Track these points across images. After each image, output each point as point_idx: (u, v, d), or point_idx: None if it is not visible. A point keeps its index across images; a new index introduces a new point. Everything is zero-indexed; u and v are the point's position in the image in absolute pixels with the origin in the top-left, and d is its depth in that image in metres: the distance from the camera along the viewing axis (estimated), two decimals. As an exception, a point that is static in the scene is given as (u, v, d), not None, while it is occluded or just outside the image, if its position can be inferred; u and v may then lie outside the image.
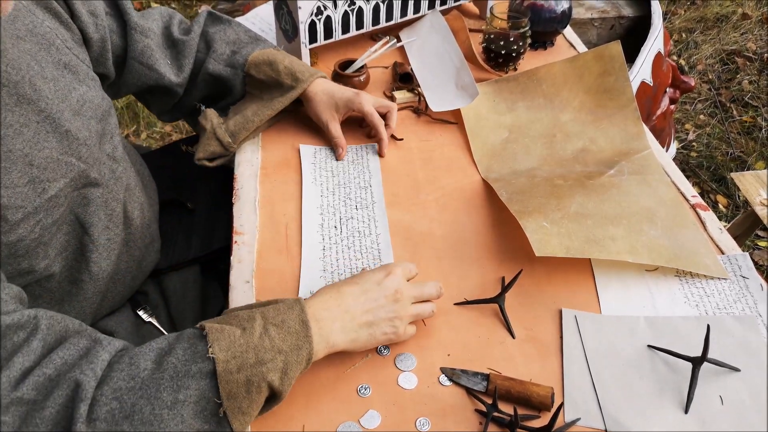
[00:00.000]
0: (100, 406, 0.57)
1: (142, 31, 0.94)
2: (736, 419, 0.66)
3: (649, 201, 0.89)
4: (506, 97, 1.10)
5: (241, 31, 1.05)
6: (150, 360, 0.61)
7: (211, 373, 0.60)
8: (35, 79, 0.71)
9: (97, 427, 0.56)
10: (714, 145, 2.40)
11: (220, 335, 0.62)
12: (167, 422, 0.58)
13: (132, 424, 0.57)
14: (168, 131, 2.44)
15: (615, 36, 2.00)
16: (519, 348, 0.74)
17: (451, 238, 0.88)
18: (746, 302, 0.78)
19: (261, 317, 0.65)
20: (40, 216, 0.70)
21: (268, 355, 0.62)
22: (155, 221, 0.98)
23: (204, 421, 0.60)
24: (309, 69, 1.02)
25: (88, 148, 0.76)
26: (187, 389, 0.59)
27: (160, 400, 0.58)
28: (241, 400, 0.60)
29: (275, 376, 0.62)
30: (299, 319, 0.65)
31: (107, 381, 0.58)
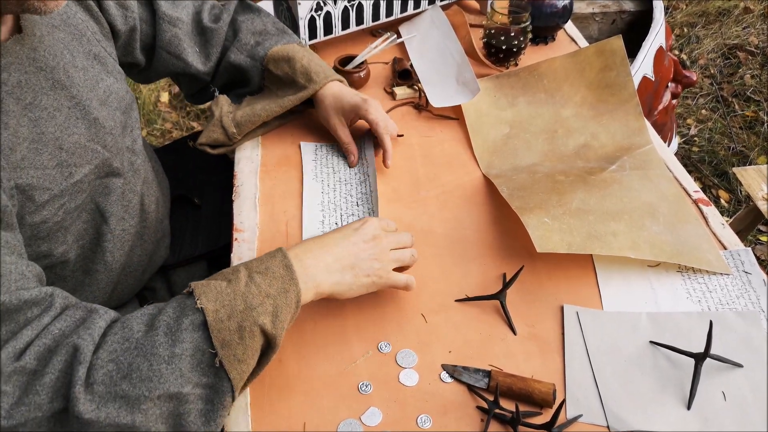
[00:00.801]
0: (96, 369, 0.57)
1: (171, 21, 0.95)
2: (738, 415, 0.66)
3: (651, 196, 0.89)
4: (507, 92, 1.09)
5: (269, 21, 1.04)
6: (142, 323, 0.61)
7: (203, 324, 0.60)
8: (68, 67, 0.73)
9: (95, 390, 0.57)
10: (716, 139, 2.39)
11: (206, 288, 0.63)
12: (166, 377, 0.58)
13: (131, 382, 0.57)
14: (168, 128, 2.44)
15: (616, 30, 1.99)
16: (520, 344, 0.73)
17: (452, 234, 0.87)
18: (749, 298, 0.78)
19: (245, 268, 0.66)
20: (64, 199, 0.72)
21: (256, 300, 0.63)
22: (167, 217, 1.00)
23: (202, 374, 0.60)
24: (326, 70, 1.00)
25: (113, 138, 0.79)
26: (182, 342, 0.59)
27: (157, 356, 0.58)
28: (235, 347, 0.61)
29: (266, 319, 0.62)
30: (283, 264, 0.66)
31: (102, 346, 0.59)
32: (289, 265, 0.66)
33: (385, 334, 0.74)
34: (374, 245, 0.73)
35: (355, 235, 0.73)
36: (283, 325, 0.64)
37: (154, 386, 0.58)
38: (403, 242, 0.77)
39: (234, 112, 0.99)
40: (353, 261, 0.71)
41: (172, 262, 1.00)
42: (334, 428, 0.65)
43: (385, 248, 0.74)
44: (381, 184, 0.95)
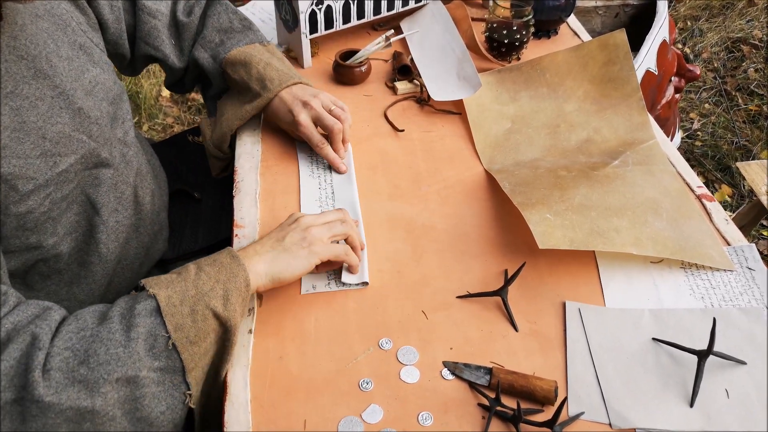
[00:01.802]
0: (53, 356, 0.58)
1: (150, 12, 0.95)
2: (742, 413, 0.65)
3: (654, 192, 0.88)
4: (509, 87, 1.09)
5: (236, 18, 1.02)
6: (95, 316, 0.63)
7: (156, 309, 0.63)
8: (51, 56, 0.73)
9: (53, 377, 0.58)
10: (719, 134, 2.38)
11: (157, 281, 0.66)
12: (124, 360, 0.60)
13: (89, 366, 0.59)
14: (170, 123, 2.43)
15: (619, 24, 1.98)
16: (522, 341, 0.73)
17: (453, 230, 0.87)
18: (752, 294, 0.77)
19: (194, 264, 0.69)
20: (50, 189, 0.72)
21: (207, 285, 0.66)
22: (165, 210, 1.00)
23: (154, 358, 0.62)
24: (282, 76, 0.96)
25: (99, 128, 0.79)
26: (137, 327, 0.61)
27: (114, 341, 0.60)
28: (188, 330, 0.63)
29: (218, 302, 0.65)
30: (229, 255, 0.70)
31: (57, 335, 0.60)
32: (235, 255, 0.70)
33: (386, 330, 0.74)
34: (296, 224, 0.76)
35: (279, 226, 0.77)
36: (235, 308, 0.67)
37: (112, 369, 0.59)
38: (328, 218, 0.78)
39: (211, 134, 1.00)
40: (280, 241, 0.74)
41: (171, 256, 1.00)
42: (334, 426, 0.65)
43: (309, 224, 0.76)
44: (382, 179, 0.95)
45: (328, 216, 0.79)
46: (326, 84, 1.14)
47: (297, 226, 0.76)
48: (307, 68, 1.18)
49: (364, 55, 1.12)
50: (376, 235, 0.86)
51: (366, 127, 1.05)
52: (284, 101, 0.95)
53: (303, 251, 0.73)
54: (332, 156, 0.94)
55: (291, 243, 0.74)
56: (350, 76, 1.13)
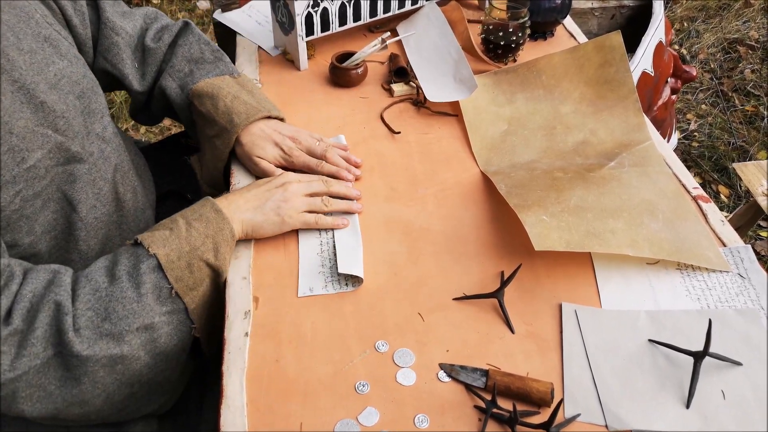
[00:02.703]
0: (78, 317, 0.68)
1: (113, 28, 0.93)
2: (738, 414, 0.65)
3: (650, 193, 0.88)
4: (505, 89, 1.09)
5: (208, 49, 1.00)
6: (103, 275, 0.72)
7: (157, 266, 0.73)
8: (9, 50, 0.72)
9: (83, 334, 0.68)
10: (716, 134, 2.38)
11: (153, 238, 0.74)
12: (139, 312, 0.71)
13: (111, 322, 0.69)
14: (167, 125, 2.43)
15: (616, 25, 1.98)
16: (518, 343, 0.73)
17: (450, 232, 0.87)
18: (748, 295, 0.77)
19: (181, 218, 0.78)
20: (19, 186, 0.72)
21: (198, 241, 0.76)
22: (150, 208, 0.98)
23: (162, 305, 0.73)
24: (249, 109, 0.92)
25: (66, 121, 0.77)
26: (145, 284, 0.72)
27: (128, 298, 0.71)
28: (186, 279, 0.74)
29: (210, 255, 0.76)
30: (213, 209, 0.79)
31: (77, 298, 0.69)
32: (218, 209, 0.79)
33: (382, 333, 0.74)
34: (282, 190, 0.85)
35: (267, 184, 0.86)
36: (225, 256, 0.78)
37: (131, 321, 0.70)
38: (314, 188, 0.87)
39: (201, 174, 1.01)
40: (261, 202, 0.83)
41: None
42: (331, 428, 0.65)
43: (294, 192, 0.85)
44: (378, 181, 0.95)
45: (313, 185, 0.87)
46: (322, 86, 1.15)
47: (280, 194, 0.84)
48: (303, 70, 1.18)
49: (360, 57, 1.12)
50: (373, 237, 0.86)
51: (362, 129, 1.05)
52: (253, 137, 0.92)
53: (276, 218, 0.83)
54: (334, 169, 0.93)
55: (269, 209, 0.83)
56: (346, 79, 1.13)
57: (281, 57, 1.22)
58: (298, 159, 0.92)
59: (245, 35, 1.28)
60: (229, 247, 0.79)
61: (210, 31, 2.80)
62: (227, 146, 0.93)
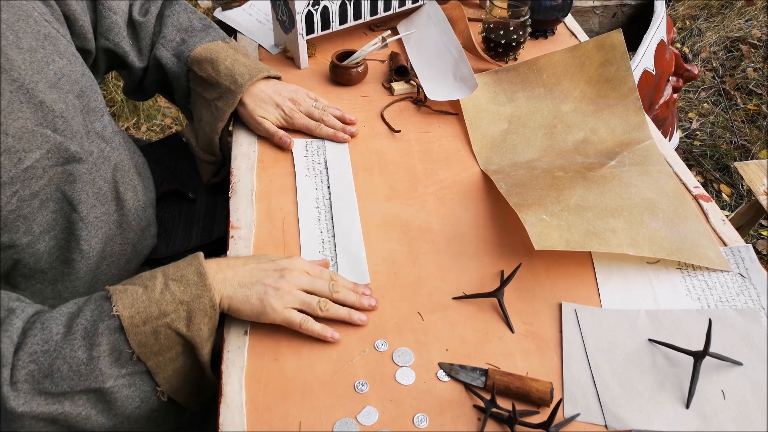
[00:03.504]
0: (18, 369, 0.62)
1: (110, 8, 0.93)
2: (738, 414, 0.65)
3: (651, 192, 0.88)
4: (506, 87, 1.08)
5: (196, 18, 1.01)
6: (61, 324, 0.66)
7: (119, 328, 0.66)
8: (8, 49, 0.71)
9: (20, 388, 0.62)
10: (717, 133, 2.37)
11: (123, 294, 0.67)
12: (86, 376, 0.64)
13: (53, 381, 0.63)
14: (168, 123, 2.43)
15: (617, 24, 1.98)
16: (518, 343, 0.73)
17: (450, 231, 0.87)
18: (749, 295, 0.77)
19: (162, 275, 0.70)
20: (16, 187, 0.71)
21: (170, 307, 0.67)
22: (151, 206, 0.98)
23: (121, 367, 0.66)
24: (251, 70, 0.96)
25: (65, 121, 0.77)
26: (99, 345, 0.65)
27: (76, 359, 0.64)
28: (151, 345, 0.67)
29: (180, 324, 0.68)
30: (197, 272, 0.70)
31: (22, 347, 0.63)
32: (203, 272, 0.70)
33: (381, 332, 0.74)
34: (279, 276, 0.73)
35: (269, 263, 0.75)
36: (199, 327, 0.68)
37: (75, 383, 0.64)
38: (317, 286, 0.74)
39: (196, 142, 1.00)
40: (250, 281, 0.72)
41: (164, 255, 1.00)
42: (330, 427, 0.65)
43: (290, 283, 0.73)
44: (378, 180, 0.95)
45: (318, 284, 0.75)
46: (323, 85, 1.14)
47: (274, 280, 0.73)
48: (303, 69, 1.18)
49: (360, 55, 1.12)
50: (372, 236, 0.86)
51: (362, 127, 1.05)
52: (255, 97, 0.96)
53: (256, 304, 0.71)
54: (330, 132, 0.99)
55: (253, 291, 0.72)
56: (347, 77, 1.12)
57: (282, 55, 1.22)
58: (299, 121, 0.98)
59: (246, 33, 1.28)
60: (208, 317, 0.69)
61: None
62: (230, 107, 0.95)
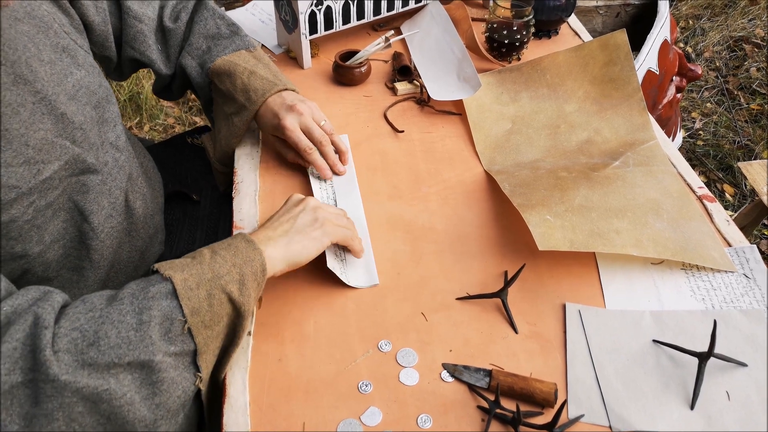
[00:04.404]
0: (60, 337, 0.56)
1: (136, 16, 0.93)
2: (743, 415, 0.65)
3: (655, 193, 0.88)
4: (509, 87, 1.08)
5: (224, 24, 0.99)
6: (103, 298, 0.61)
7: (171, 292, 0.61)
8: (31, 61, 0.71)
9: (61, 358, 0.54)
10: (721, 133, 2.37)
11: (171, 264, 0.64)
12: (135, 344, 0.57)
13: (99, 349, 0.56)
14: (171, 123, 2.43)
15: (621, 24, 1.97)
16: (522, 343, 0.73)
17: (453, 232, 0.87)
18: (754, 296, 0.77)
19: (207, 248, 0.68)
20: (33, 197, 0.70)
21: (223, 268, 0.64)
22: (159, 213, 0.98)
23: (170, 343, 0.60)
24: (266, 85, 0.93)
25: (84, 133, 0.77)
26: (150, 310, 0.59)
27: (125, 323, 0.57)
28: (204, 314, 0.62)
29: (234, 287, 0.64)
30: (244, 240, 0.69)
31: (63, 317, 0.58)
32: (250, 239, 0.69)
33: (385, 332, 0.74)
34: (305, 205, 0.77)
35: (283, 208, 0.78)
36: (249, 293, 0.66)
37: (123, 353, 0.56)
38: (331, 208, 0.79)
39: (214, 152, 0.99)
40: (292, 223, 0.74)
41: (168, 257, 0.99)
42: (333, 428, 0.65)
43: (316, 205, 0.77)
44: (382, 180, 0.95)
45: (331, 207, 0.80)
46: (326, 85, 1.14)
47: (306, 206, 0.76)
48: (306, 69, 1.18)
49: (363, 55, 1.12)
50: (376, 236, 0.86)
51: (366, 127, 1.05)
52: (270, 107, 0.92)
53: (317, 232, 0.74)
54: (320, 162, 0.91)
55: (304, 225, 0.74)
56: (350, 77, 1.12)
57: (285, 55, 1.22)
58: (289, 133, 0.90)
59: (249, 33, 1.28)
60: (257, 283, 0.67)
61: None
62: (245, 123, 0.93)
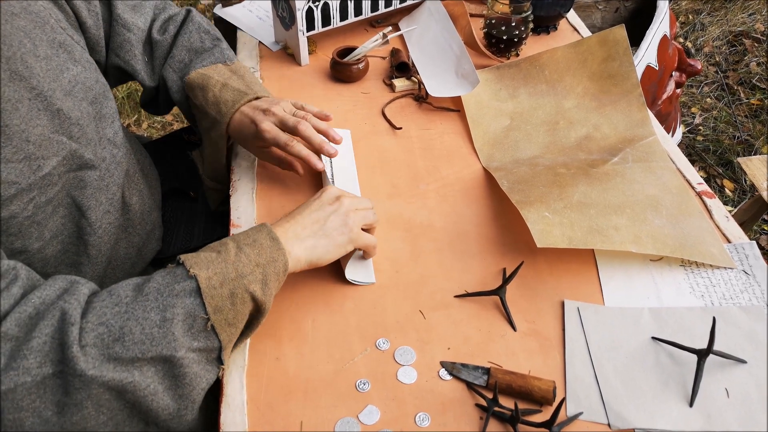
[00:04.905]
0: (87, 332, 0.58)
1: (125, 25, 0.92)
2: (742, 412, 0.65)
3: (654, 189, 0.87)
4: (508, 83, 1.08)
5: (208, 38, 0.97)
6: (129, 289, 0.63)
7: (195, 290, 0.62)
8: (27, 56, 0.71)
9: (88, 352, 0.57)
10: (720, 128, 2.36)
11: (197, 259, 0.65)
12: (158, 341, 0.60)
13: (124, 345, 0.58)
14: (169, 120, 2.43)
15: (620, 19, 1.97)
16: (520, 341, 0.72)
17: (452, 229, 0.86)
18: (753, 292, 0.76)
19: (233, 241, 0.68)
20: (33, 194, 0.70)
21: (247, 268, 0.65)
22: (157, 209, 0.98)
23: (193, 339, 0.62)
24: (236, 96, 0.89)
25: (81, 128, 0.76)
26: (174, 307, 0.61)
27: (149, 320, 0.60)
28: (227, 312, 0.64)
29: (257, 287, 0.65)
30: (269, 236, 0.69)
31: (90, 310, 0.60)
32: (275, 237, 0.69)
33: (383, 330, 0.74)
34: (338, 206, 0.76)
35: (317, 202, 0.76)
36: (272, 292, 0.68)
37: (147, 348, 0.59)
38: (363, 204, 0.78)
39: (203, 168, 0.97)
40: (321, 225, 0.74)
41: (166, 255, 1.00)
42: (331, 427, 0.65)
43: (349, 208, 0.76)
44: (380, 177, 0.94)
45: (364, 202, 0.79)
46: (323, 82, 1.14)
47: (339, 208, 0.76)
48: (304, 66, 1.18)
49: (361, 52, 1.11)
50: (375, 234, 0.85)
51: (364, 125, 1.04)
52: (245, 115, 0.88)
53: (343, 237, 0.74)
54: (304, 153, 0.87)
55: (332, 228, 0.74)
56: (348, 74, 1.12)
57: (282, 52, 1.21)
58: (266, 134, 0.85)
59: (246, 30, 1.27)
60: (279, 281, 0.69)
61: (212, 25, 2.78)
62: (221, 138, 0.90)
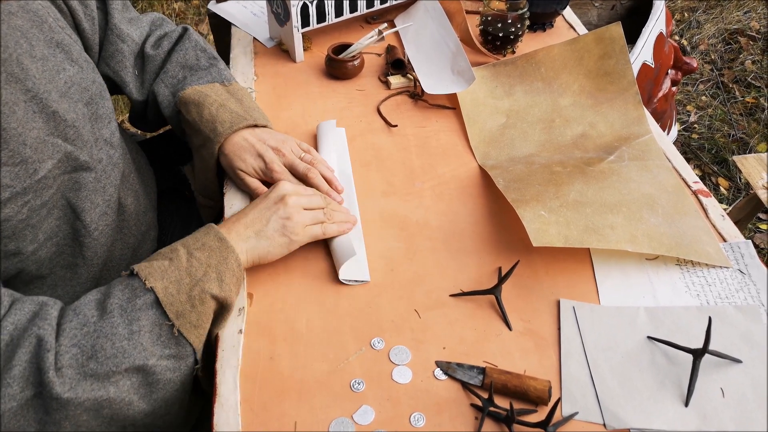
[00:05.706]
0: (61, 355, 0.62)
1: (119, 35, 0.91)
2: (737, 412, 0.65)
3: (650, 188, 0.87)
4: (504, 81, 1.07)
5: (204, 56, 0.96)
6: (92, 308, 0.65)
7: (155, 302, 0.66)
8: (23, 58, 0.70)
9: (65, 374, 0.61)
10: (716, 126, 2.37)
11: (151, 269, 0.67)
12: (129, 352, 0.63)
13: (97, 361, 0.62)
14: (163, 117, 2.41)
15: (616, 16, 1.96)
16: (516, 340, 0.72)
17: (447, 228, 0.86)
18: (749, 291, 0.76)
19: (183, 247, 0.71)
20: (28, 197, 0.70)
21: (200, 272, 0.69)
22: (152, 209, 0.97)
23: (163, 346, 0.66)
24: (234, 117, 0.88)
25: (76, 130, 0.76)
26: (138, 320, 0.65)
27: (117, 335, 0.63)
28: (188, 315, 0.67)
29: (213, 285, 0.69)
30: (216, 238, 0.72)
31: (61, 333, 0.63)
32: (222, 237, 0.72)
33: (378, 330, 0.73)
34: (281, 207, 0.78)
35: (265, 201, 0.79)
36: (230, 287, 0.70)
37: (120, 361, 0.63)
38: (312, 203, 0.80)
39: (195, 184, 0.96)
40: (262, 225, 0.76)
41: None
42: (325, 427, 0.64)
43: (294, 207, 0.78)
44: (375, 175, 0.94)
45: (314, 200, 0.81)
46: (318, 78, 1.13)
47: (281, 209, 0.77)
48: (299, 62, 1.17)
49: (356, 49, 1.10)
50: (370, 233, 0.85)
51: (359, 122, 1.04)
52: (247, 141, 0.87)
53: (283, 239, 0.76)
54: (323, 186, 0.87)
55: (273, 230, 0.76)
56: (343, 71, 1.11)
57: (277, 48, 1.20)
58: (278, 176, 0.85)
59: (240, 26, 1.26)
60: (236, 277, 0.71)
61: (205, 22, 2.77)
62: (212, 157, 0.88)
